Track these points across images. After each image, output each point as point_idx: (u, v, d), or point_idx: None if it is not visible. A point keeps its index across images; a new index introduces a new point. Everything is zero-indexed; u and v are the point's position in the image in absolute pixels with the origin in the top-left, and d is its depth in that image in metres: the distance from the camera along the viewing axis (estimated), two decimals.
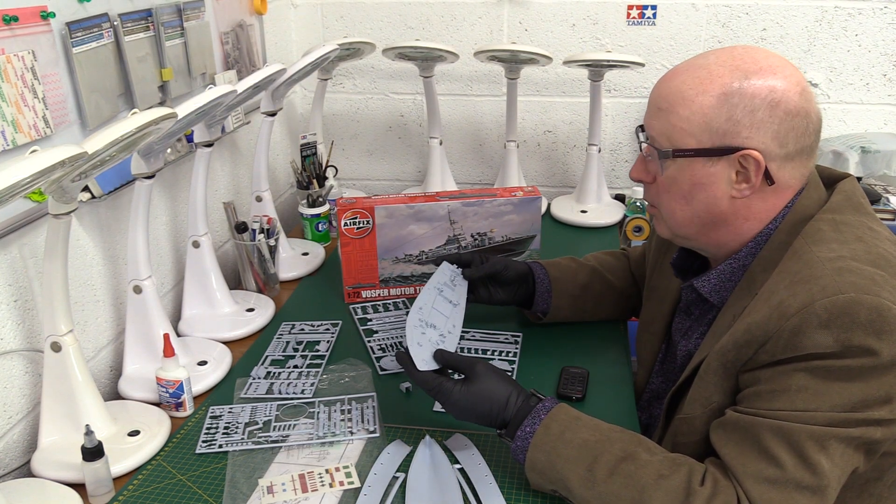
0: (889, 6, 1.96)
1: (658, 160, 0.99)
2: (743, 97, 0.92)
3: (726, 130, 0.93)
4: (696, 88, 0.94)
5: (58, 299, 1.09)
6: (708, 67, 0.95)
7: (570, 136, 2.23)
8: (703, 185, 0.97)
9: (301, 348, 1.42)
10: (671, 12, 2.05)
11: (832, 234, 0.91)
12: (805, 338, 0.84)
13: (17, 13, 1.09)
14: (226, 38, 1.76)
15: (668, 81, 0.99)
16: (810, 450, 0.84)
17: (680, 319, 1.15)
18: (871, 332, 0.82)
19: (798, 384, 0.86)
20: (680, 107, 0.95)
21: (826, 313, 0.83)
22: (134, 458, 1.11)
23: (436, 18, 2.16)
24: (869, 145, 1.93)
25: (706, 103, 0.93)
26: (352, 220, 1.53)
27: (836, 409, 0.84)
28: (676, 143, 0.96)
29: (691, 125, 0.95)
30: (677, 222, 1.02)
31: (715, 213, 0.98)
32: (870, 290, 0.83)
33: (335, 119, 2.32)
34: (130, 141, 1.00)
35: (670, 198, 1.00)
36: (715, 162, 0.95)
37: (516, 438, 1.00)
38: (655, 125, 0.99)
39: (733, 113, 0.92)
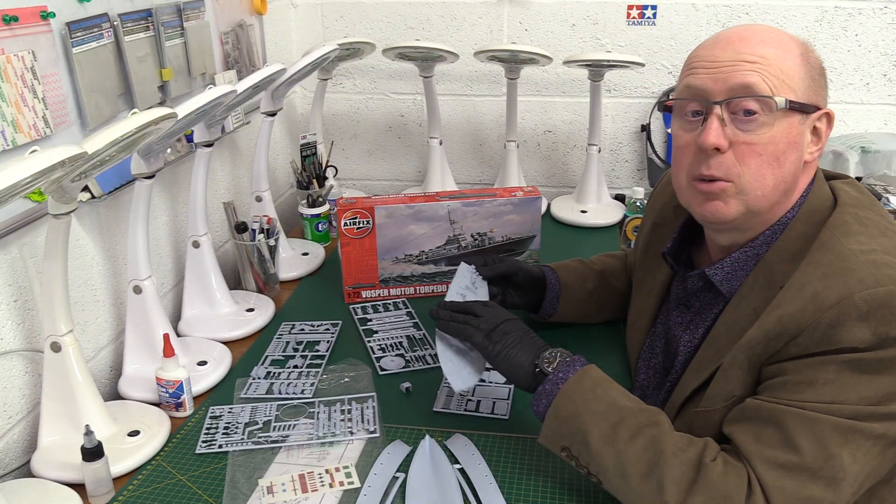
0: (889, 6, 1.96)
1: (754, 117, 0.91)
2: (812, 60, 0.95)
3: (813, 89, 0.94)
4: (781, 47, 0.93)
5: (58, 299, 1.09)
6: (773, 32, 0.95)
7: (570, 136, 2.23)
8: (795, 144, 0.94)
9: (301, 348, 1.42)
10: (671, 12, 2.05)
11: (858, 227, 0.91)
12: (843, 330, 0.83)
13: (17, 13, 1.09)
14: (226, 38, 1.76)
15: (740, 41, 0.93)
16: (833, 441, 0.83)
17: (679, 313, 1.13)
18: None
19: (827, 377, 0.84)
20: (777, 59, 0.92)
21: (866, 305, 0.83)
22: (134, 459, 1.11)
23: (436, 18, 2.16)
24: (869, 145, 1.93)
25: (796, 61, 0.93)
26: (352, 220, 1.53)
27: (862, 402, 0.83)
28: (779, 94, 0.91)
29: (792, 79, 0.92)
30: (765, 191, 0.94)
31: (795, 177, 0.96)
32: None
33: (335, 119, 2.32)
34: (130, 141, 1.00)
35: (763, 161, 0.92)
36: (804, 120, 0.94)
37: (546, 381, 1.00)
38: (755, 78, 0.90)
39: (812, 73, 0.94)
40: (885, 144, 1.94)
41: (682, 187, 1.01)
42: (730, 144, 0.93)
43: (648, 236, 1.24)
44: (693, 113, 0.96)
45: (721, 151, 0.93)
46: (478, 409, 1.22)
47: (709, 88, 0.93)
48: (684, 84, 0.97)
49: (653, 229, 1.23)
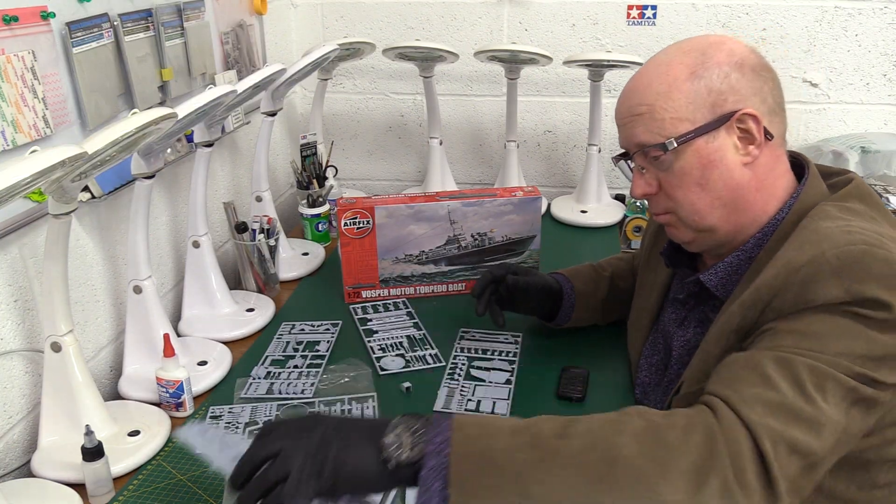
0: (889, 6, 1.96)
1: (656, 160, 0.98)
2: (710, 68, 0.95)
3: (713, 101, 0.95)
4: (664, 81, 0.96)
5: (58, 299, 1.09)
6: (662, 64, 0.98)
7: (570, 136, 2.24)
8: (713, 162, 0.96)
9: (301, 348, 1.42)
10: (671, 12, 2.05)
11: (838, 213, 0.92)
12: (816, 286, 0.83)
13: (17, 13, 1.09)
14: (226, 38, 1.76)
15: (630, 93, 1.01)
16: (811, 383, 0.81)
17: (674, 310, 1.14)
18: (884, 285, 0.81)
19: (807, 327, 0.84)
20: (658, 101, 0.96)
21: (837, 261, 0.83)
22: (134, 458, 1.11)
23: (436, 18, 2.16)
24: (869, 145, 1.93)
25: (681, 87, 0.95)
26: (352, 220, 1.53)
27: (839, 357, 0.82)
28: (670, 134, 0.96)
29: (678, 111, 0.95)
30: (701, 214, 0.99)
31: (733, 187, 0.97)
32: (882, 245, 0.83)
33: (335, 119, 2.32)
34: (130, 141, 1.00)
35: (685, 191, 0.98)
36: (715, 135, 0.95)
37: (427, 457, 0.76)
38: (642, 131, 0.98)
39: (710, 84, 0.95)
40: (885, 144, 1.94)
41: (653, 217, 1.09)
42: (658, 184, 1.01)
43: (653, 237, 1.26)
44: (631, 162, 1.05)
45: (653, 193, 1.02)
46: (478, 409, 1.22)
47: (624, 145, 1.04)
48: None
49: (657, 230, 1.24)
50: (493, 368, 1.33)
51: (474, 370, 1.33)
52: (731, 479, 0.76)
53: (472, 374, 1.32)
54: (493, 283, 1.34)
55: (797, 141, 2.08)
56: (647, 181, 1.01)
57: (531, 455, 0.76)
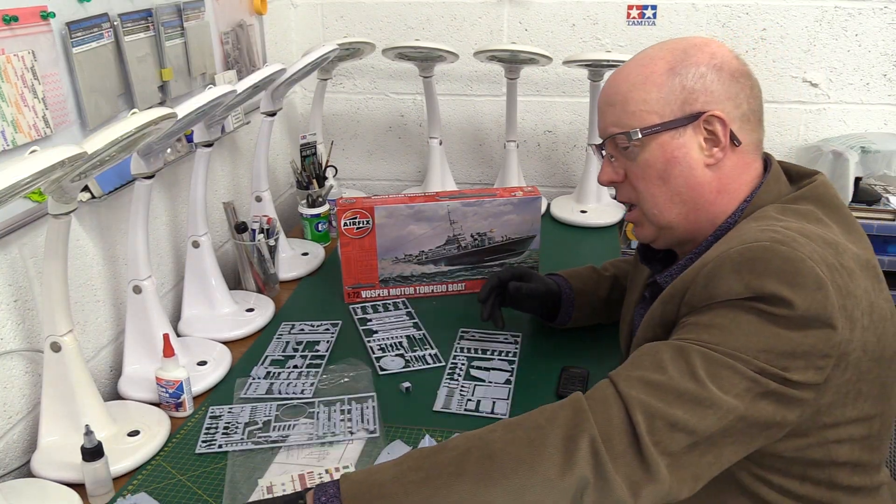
0: (889, 6, 1.96)
1: (626, 150, 1.00)
2: (688, 67, 0.97)
3: (684, 99, 0.96)
4: (642, 73, 0.98)
5: (58, 299, 1.09)
6: (645, 57, 1.00)
7: (570, 136, 2.23)
8: (676, 158, 0.98)
9: (301, 348, 1.42)
10: (671, 12, 2.05)
11: (775, 214, 0.93)
12: (719, 281, 0.85)
13: (17, 13, 1.09)
14: (226, 38, 1.76)
15: (609, 83, 1.03)
16: (702, 369, 0.81)
17: (641, 307, 1.16)
18: (784, 281, 0.81)
19: (710, 321, 0.85)
20: (632, 92, 0.98)
21: (739, 257, 0.84)
22: (134, 458, 1.11)
23: (436, 18, 2.16)
24: (869, 145, 1.93)
25: (657, 80, 0.97)
26: (352, 220, 1.53)
27: (739, 351, 0.82)
28: (637, 125, 0.98)
29: (649, 104, 0.97)
30: (660, 208, 1.01)
31: (693, 185, 0.99)
32: (787, 243, 0.84)
33: (335, 119, 2.32)
34: (130, 141, 1.00)
35: (647, 183, 1.00)
36: (682, 132, 0.97)
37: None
38: (611, 119, 1.01)
39: (685, 82, 0.96)
40: (885, 144, 1.94)
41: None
42: (625, 175, 1.03)
43: None
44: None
45: (619, 182, 1.04)
46: (478, 408, 1.22)
47: (599, 133, 1.05)
48: None
49: None
50: (493, 368, 1.33)
51: (474, 370, 1.33)
52: (600, 443, 0.79)
53: (471, 374, 1.32)
54: (498, 287, 1.36)
55: (797, 141, 2.08)
56: (615, 169, 1.04)
57: (416, 476, 0.81)
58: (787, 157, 2.08)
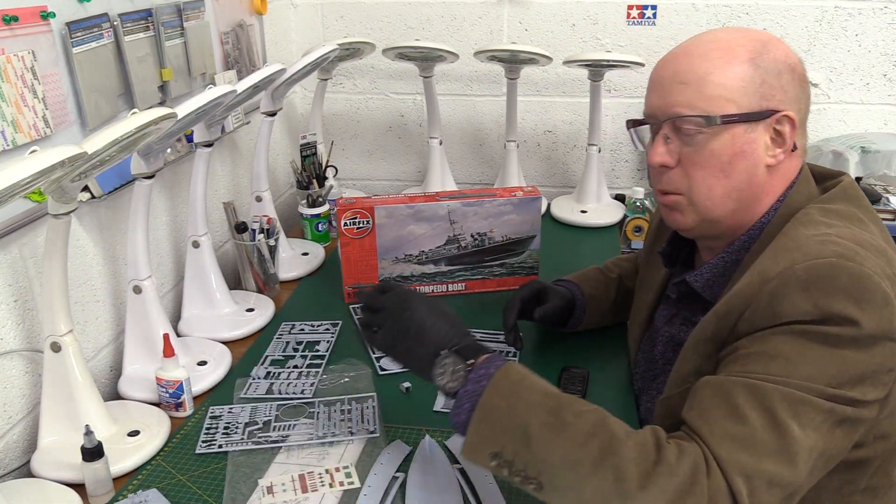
0: (889, 6, 1.96)
1: (690, 135, 0.95)
2: (768, 61, 0.93)
3: (763, 94, 0.93)
4: (723, 57, 0.93)
5: (58, 299, 1.09)
6: (721, 41, 0.95)
7: (570, 136, 2.23)
8: (744, 153, 0.94)
9: (301, 348, 1.42)
10: (671, 12, 2.05)
11: (820, 217, 0.91)
12: (785, 301, 0.83)
13: (17, 13, 1.09)
14: (226, 38, 1.76)
15: (680, 58, 0.96)
16: (782, 412, 0.80)
17: (665, 307, 1.15)
18: (852, 299, 0.80)
19: (775, 349, 0.83)
20: (712, 75, 0.93)
21: (805, 275, 0.82)
22: (134, 459, 1.11)
23: (436, 18, 2.16)
24: (869, 145, 1.93)
25: (740, 68, 0.93)
26: (352, 220, 1.53)
27: (811, 380, 0.81)
28: (714, 111, 0.93)
29: (730, 91, 0.93)
30: (714, 201, 0.97)
31: (751, 184, 0.96)
32: (852, 258, 0.82)
33: (335, 119, 2.32)
34: (130, 141, 1.00)
35: (707, 174, 0.95)
36: (754, 127, 0.94)
37: (468, 382, 0.90)
38: (682, 99, 0.94)
39: (765, 77, 0.93)
40: (885, 144, 1.94)
41: (656, 197, 1.05)
42: (678, 160, 0.97)
43: (654, 235, 1.26)
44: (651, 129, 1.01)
45: (669, 167, 0.98)
46: None
47: (654, 109, 0.99)
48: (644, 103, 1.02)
49: (658, 228, 1.24)
50: None
51: None
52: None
53: None
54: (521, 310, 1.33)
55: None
56: (670, 152, 0.97)
57: (546, 418, 0.84)
58: None
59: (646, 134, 1.03)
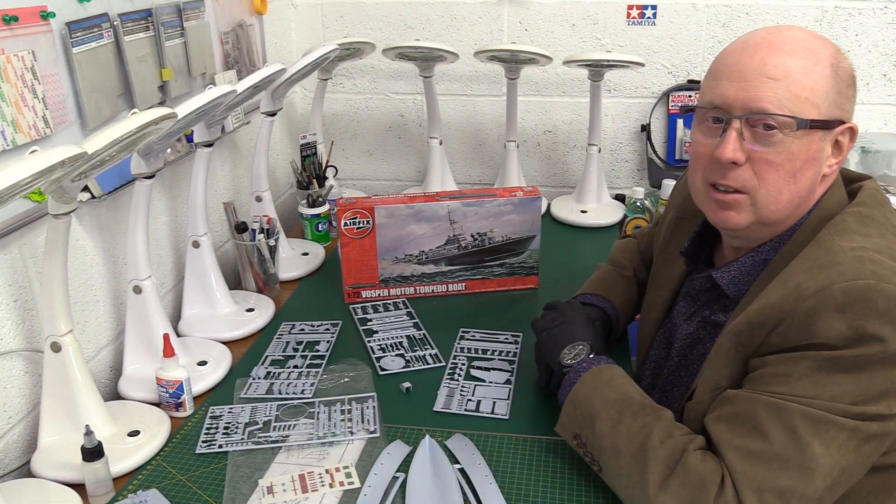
0: (889, 6, 1.96)
1: (770, 133, 0.90)
2: (843, 70, 0.92)
3: (838, 102, 0.92)
4: (811, 59, 0.90)
5: (58, 299, 1.09)
6: (806, 40, 0.92)
7: (570, 136, 2.23)
8: (813, 160, 0.92)
9: (301, 348, 1.42)
10: (671, 12, 2.05)
11: (856, 225, 0.90)
12: (820, 321, 0.83)
13: (17, 13, 1.09)
14: (226, 38, 1.76)
15: (768, 50, 0.91)
16: (803, 430, 0.82)
17: (685, 304, 1.14)
18: (887, 320, 0.81)
19: (802, 371, 0.84)
20: (801, 76, 0.89)
21: (843, 297, 0.82)
22: (134, 459, 1.11)
23: (436, 18, 2.16)
24: (869, 145, 1.93)
25: (825, 73, 0.90)
26: (352, 220, 1.53)
27: (835, 400, 0.83)
28: (803, 114, 0.89)
29: (816, 94, 0.90)
30: (779, 205, 0.93)
31: (811, 191, 0.94)
32: (889, 279, 0.82)
33: (335, 119, 2.32)
34: (130, 141, 1.00)
35: (779, 177, 0.92)
36: (826, 135, 0.92)
37: (571, 371, 1.10)
38: (771, 96, 0.89)
39: (840, 85, 0.92)
40: (885, 144, 1.94)
41: (699, 191, 1.01)
42: (747, 157, 0.93)
43: (671, 229, 1.22)
44: (714, 119, 0.95)
45: (738, 165, 0.93)
46: (478, 409, 1.22)
47: (730, 101, 0.92)
48: (708, 90, 0.96)
49: (676, 223, 1.21)
50: (493, 368, 1.33)
51: (474, 370, 1.33)
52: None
53: (472, 374, 1.32)
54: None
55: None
56: (742, 148, 0.92)
57: (612, 413, 0.99)
58: None
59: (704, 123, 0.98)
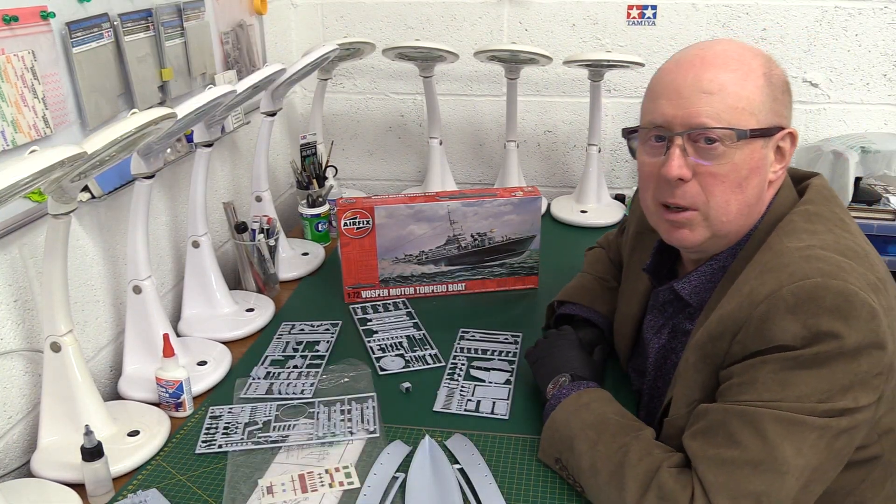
0: (889, 6, 1.96)
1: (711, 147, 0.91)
2: (775, 78, 0.93)
3: (775, 110, 0.93)
4: (742, 70, 0.91)
5: (57, 299, 1.09)
6: (736, 52, 0.94)
7: (570, 136, 2.23)
8: (758, 168, 0.93)
9: (301, 348, 1.42)
10: (671, 12, 2.05)
11: (804, 224, 0.91)
12: (774, 326, 0.84)
13: (17, 13, 1.09)
14: (226, 38, 1.76)
15: (701, 66, 0.92)
16: (773, 433, 0.83)
17: (652, 317, 1.14)
18: (838, 316, 0.81)
19: (766, 376, 0.85)
20: (735, 87, 0.91)
21: (793, 298, 0.83)
22: (133, 459, 1.11)
23: (436, 18, 2.16)
24: (869, 145, 1.93)
25: (759, 83, 0.92)
26: (352, 220, 1.53)
27: (802, 400, 0.83)
28: (741, 124, 0.90)
29: (752, 104, 0.91)
30: (730, 216, 0.94)
31: (759, 199, 0.95)
32: (836, 275, 0.83)
33: (335, 119, 2.32)
34: (130, 141, 1.00)
35: (725, 189, 0.92)
36: (767, 143, 0.93)
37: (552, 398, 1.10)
38: (708, 110, 0.90)
39: (775, 93, 0.93)
40: (885, 144, 1.93)
41: (651, 211, 1.02)
42: (693, 173, 0.93)
43: (633, 244, 1.24)
44: (656, 138, 0.96)
45: (684, 181, 0.94)
46: (478, 409, 1.22)
47: (669, 119, 0.93)
48: (648, 110, 0.97)
49: (637, 237, 1.22)
50: (493, 368, 1.33)
51: (474, 370, 1.33)
52: None
53: (471, 374, 1.32)
54: None
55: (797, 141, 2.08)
56: (687, 164, 0.93)
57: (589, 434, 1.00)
58: None
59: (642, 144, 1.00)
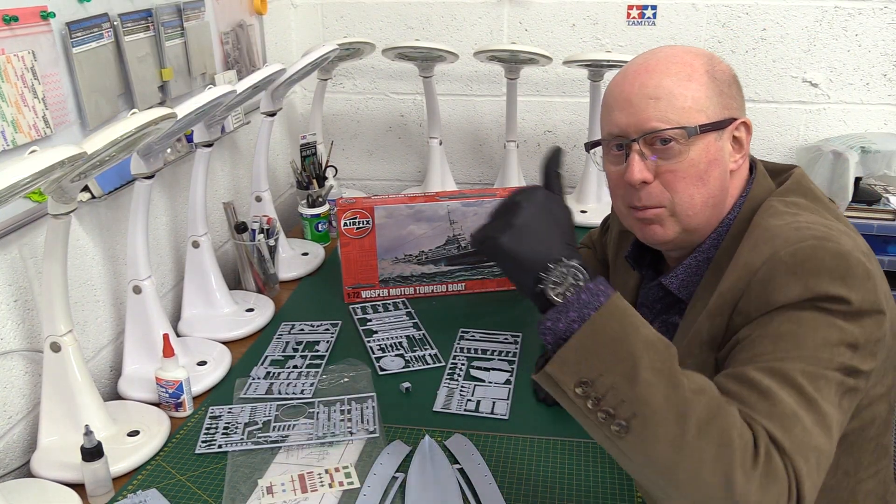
0: (889, 6, 1.96)
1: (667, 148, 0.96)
2: (719, 73, 0.98)
3: (723, 104, 0.97)
4: (684, 71, 0.97)
5: (57, 299, 1.09)
6: (674, 55, 0.99)
7: (570, 136, 2.23)
8: (716, 160, 0.97)
9: (301, 348, 1.42)
10: (671, 12, 2.05)
11: (784, 208, 0.95)
12: (776, 287, 0.85)
13: (17, 13, 1.09)
14: (226, 38, 1.76)
15: (644, 74, 0.97)
16: (808, 388, 0.80)
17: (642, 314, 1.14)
18: (838, 277, 0.83)
19: (777, 330, 0.84)
20: (679, 88, 0.96)
21: (792, 258, 0.85)
22: (133, 459, 1.11)
23: (436, 18, 2.16)
24: (869, 145, 1.93)
25: (702, 80, 0.97)
26: (352, 220, 1.53)
27: (820, 350, 0.82)
28: (689, 122, 0.96)
29: (699, 102, 0.96)
30: (695, 210, 0.98)
31: (723, 189, 0.99)
32: (830, 238, 0.86)
33: (335, 119, 2.32)
34: (130, 141, 1.00)
35: (687, 184, 0.98)
36: (720, 135, 0.98)
37: (584, 290, 0.79)
38: (656, 114, 0.96)
39: (721, 87, 0.97)
40: (885, 144, 1.93)
41: (623, 214, 1.05)
42: (655, 174, 0.98)
43: (618, 243, 1.25)
44: (616, 147, 1.01)
45: (648, 183, 0.98)
46: (478, 409, 1.22)
47: (624, 127, 0.98)
48: (605, 123, 1.02)
49: (621, 236, 1.24)
50: (493, 368, 1.33)
51: (474, 370, 1.33)
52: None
53: (471, 374, 1.32)
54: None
55: (797, 141, 2.08)
56: (648, 167, 0.98)
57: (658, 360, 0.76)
58: (786, 158, 2.08)
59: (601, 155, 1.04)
